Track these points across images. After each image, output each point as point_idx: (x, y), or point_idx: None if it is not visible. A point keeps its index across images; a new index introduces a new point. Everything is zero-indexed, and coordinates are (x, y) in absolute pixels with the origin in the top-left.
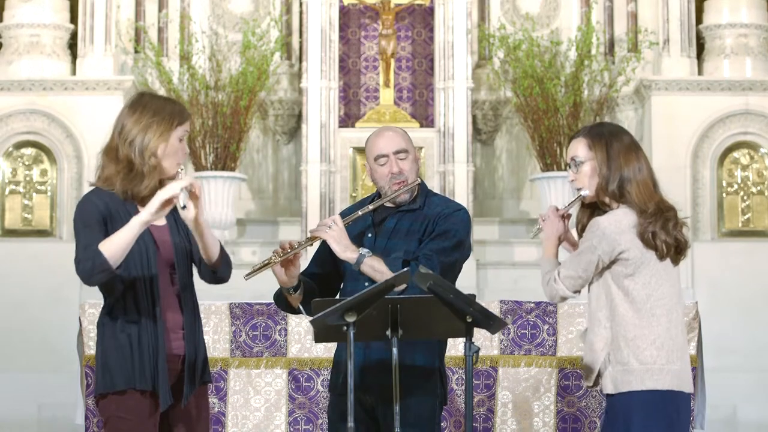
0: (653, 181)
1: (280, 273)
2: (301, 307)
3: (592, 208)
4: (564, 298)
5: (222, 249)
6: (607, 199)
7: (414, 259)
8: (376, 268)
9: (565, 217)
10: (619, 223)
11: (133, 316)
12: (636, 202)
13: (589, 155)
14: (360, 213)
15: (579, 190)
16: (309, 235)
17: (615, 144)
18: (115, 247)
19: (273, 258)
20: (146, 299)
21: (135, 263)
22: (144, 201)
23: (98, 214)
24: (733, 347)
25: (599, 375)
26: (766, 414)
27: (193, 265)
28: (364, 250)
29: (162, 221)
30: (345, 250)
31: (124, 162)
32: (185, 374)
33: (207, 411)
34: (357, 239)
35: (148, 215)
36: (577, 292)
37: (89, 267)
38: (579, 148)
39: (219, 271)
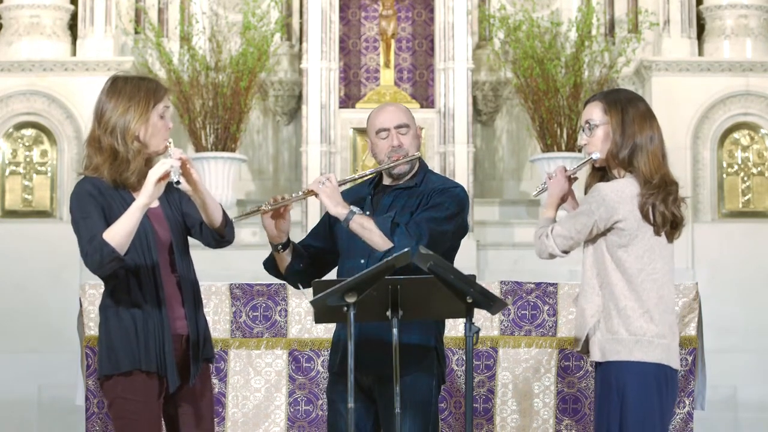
0: (663, 153)
1: (269, 225)
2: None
3: (603, 172)
4: (552, 256)
5: (224, 211)
6: (615, 165)
7: (405, 224)
8: (365, 226)
9: (572, 178)
10: (621, 192)
11: (137, 298)
12: (643, 172)
13: (604, 119)
14: (357, 176)
15: (590, 153)
16: (303, 189)
17: (630, 110)
18: (119, 235)
19: (263, 206)
20: (149, 282)
21: (135, 247)
22: (135, 186)
23: (95, 203)
24: (733, 328)
25: (588, 342)
26: (766, 394)
27: (190, 236)
28: (354, 208)
29: (155, 202)
30: (336, 205)
31: (108, 151)
32: (190, 353)
33: (210, 389)
34: None
35: (145, 198)
36: (566, 252)
37: (98, 259)
38: (594, 112)
39: (225, 234)
